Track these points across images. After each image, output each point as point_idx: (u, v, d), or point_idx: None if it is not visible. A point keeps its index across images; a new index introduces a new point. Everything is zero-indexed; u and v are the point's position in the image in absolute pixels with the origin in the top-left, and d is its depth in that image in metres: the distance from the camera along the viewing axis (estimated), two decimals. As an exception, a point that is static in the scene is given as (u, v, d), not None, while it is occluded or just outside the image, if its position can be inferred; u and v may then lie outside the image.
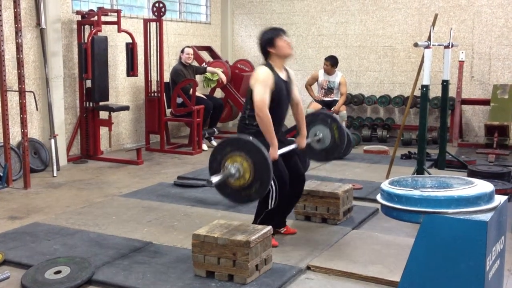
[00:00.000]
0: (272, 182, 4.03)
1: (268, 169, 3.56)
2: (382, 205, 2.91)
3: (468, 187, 2.76)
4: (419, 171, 5.94)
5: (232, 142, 3.71)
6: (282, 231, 4.49)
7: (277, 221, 4.40)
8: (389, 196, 2.83)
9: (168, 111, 8.58)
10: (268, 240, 3.70)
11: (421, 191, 2.75)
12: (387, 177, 6.30)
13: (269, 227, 3.76)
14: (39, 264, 3.77)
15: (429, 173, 5.92)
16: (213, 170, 3.70)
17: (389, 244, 4.29)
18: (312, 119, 4.77)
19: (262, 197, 4.14)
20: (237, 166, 3.60)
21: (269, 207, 4.11)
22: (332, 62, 8.57)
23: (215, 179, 3.53)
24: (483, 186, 2.79)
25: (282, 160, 4.18)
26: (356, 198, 5.30)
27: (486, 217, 2.61)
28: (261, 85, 4.00)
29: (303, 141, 4.41)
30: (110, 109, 7.53)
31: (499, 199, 2.81)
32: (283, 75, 4.16)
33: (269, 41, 4.15)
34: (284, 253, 4.07)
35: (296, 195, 4.44)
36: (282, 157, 4.20)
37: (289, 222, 4.81)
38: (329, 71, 8.64)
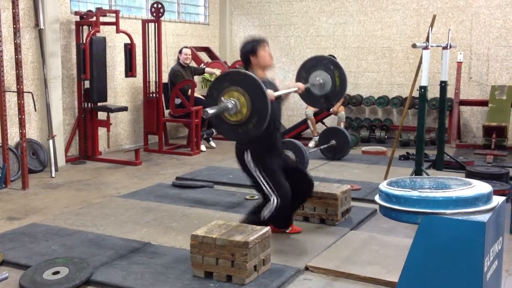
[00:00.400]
0: (275, 199, 4.02)
1: (266, 102, 3.54)
2: (381, 206, 2.91)
3: (466, 188, 2.76)
4: (417, 172, 5.94)
5: (229, 77, 3.69)
6: (287, 231, 4.50)
7: (281, 222, 4.43)
8: (387, 197, 2.83)
9: (166, 112, 8.58)
10: (266, 240, 3.70)
11: (419, 192, 2.75)
12: (385, 178, 6.30)
13: (268, 228, 3.76)
14: (38, 264, 3.76)
15: (427, 174, 5.92)
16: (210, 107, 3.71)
17: (387, 245, 4.29)
18: (315, 64, 4.80)
19: (257, 206, 4.16)
20: (233, 101, 3.58)
21: (261, 218, 4.05)
22: None
23: (210, 110, 3.48)
24: (481, 187, 2.79)
25: (285, 172, 4.21)
26: (354, 199, 5.30)
27: (484, 218, 2.61)
28: None
29: (302, 85, 4.47)
30: (109, 110, 7.52)
31: (497, 200, 2.81)
32: (266, 79, 4.20)
33: (251, 50, 4.19)
34: (282, 253, 4.07)
35: (302, 197, 4.48)
36: (286, 171, 4.24)
37: (288, 222, 4.83)
38: None
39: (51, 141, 6.83)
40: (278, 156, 4.26)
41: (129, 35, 7.66)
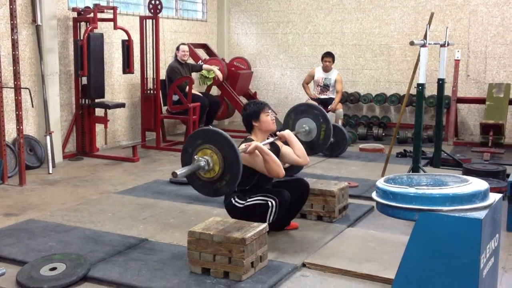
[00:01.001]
0: (272, 200, 4.10)
1: (238, 161, 3.59)
2: (378, 202, 2.92)
3: (463, 185, 2.77)
4: (415, 169, 5.96)
5: (203, 134, 3.74)
6: (285, 227, 4.52)
7: (282, 223, 4.46)
8: (384, 193, 2.84)
9: (164, 108, 8.57)
10: (263, 237, 3.70)
11: (416, 188, 2.76)
12: (382, 175, 6.31)
13: (265, 225, 3.77)
14: (35, 260, 3.76)
15: (424, 171, 5.93)
16: (185, 163, 3.76)
17: (384, 242, 4.30)
18: (306, 110, 4.90)
19: (259, 212, 4.16)
20: (206, 159, 3.63)
21: (268, 222, 4.10)
22: (333, 58, 8.69)
23: (180, 171, 3.54)
24: (477, 184, 2.80)
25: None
26: (351, 196, 5.31)
27: (481, 214, 2.63)
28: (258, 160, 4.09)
29: (285, 134, 4.44)
30: (106, 106, 7.52)
31: (494, 197, 2.83)
32: (266, 147, 4.20)
33: (254, 114, 4.25)
34: (279, 250, 4.08)
35: (300, 199, 4.51)
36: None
37: (285, 219, 4.83)
38: (329, 68, 8.70)
39: (48, 137, 6.82)
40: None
41: (126, 32, 7.64)
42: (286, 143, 4.46)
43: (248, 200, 4.17)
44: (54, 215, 4.95)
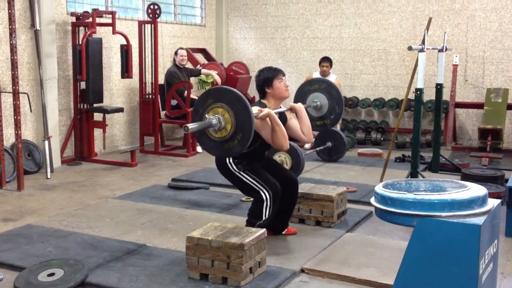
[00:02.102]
0: (266, 192, 4.09)
1: (250, 119, 3.56)
2: (376, 208, 2.91)
3: (462, 191, 2.77)
4: (413, 174, 5.96)
5: (214, 93, 3.71)
6: (283, 232, 4.51)
7: (274, 226, 4.43)
8: (383, 199, 2.84)
9: (162, 113, 8.57)
10: (262, 242, 3.69)
11: (415, 194, 2.76)
12: (381, 180, 6.31)
13: (263, 230, 3.76)
14: (33, 266, 3.75)
15: (423, 176, 5.94)
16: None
17: (383, 247, 4.30)
18: (324, 87, 4.93)
19: (254, 209, 4.18)
20: (218, 117, 3.60)
21: (264, 217, 4.12)
22: (330, 63, 8.70)
23: (192, 126, 3.50)
24: (476, 190, 2.80)
25: (271, 171, 4.26)
26: (350, 201, 5.31)
27: (480, 220, 2.62)
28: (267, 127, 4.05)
29: (296, 105, 4.41)
30: (105, 111, 7.51)
31: (492, 202, 2.82)
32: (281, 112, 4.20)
33: (267, 80, 4.20)
34: (278, 256, 4.07)
35: (291, 199, 4.47)
36: (271, 169, 4.29)
37: (283, 224, 4.83)
38: (326, 73, 8.71)
39: (46, 142, 6.82)
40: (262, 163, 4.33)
41: (125, 36, 7.65)
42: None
43: (242, 171, 4.13)
44: (52, 220, 4.93)
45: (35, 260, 3.92)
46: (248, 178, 4.14)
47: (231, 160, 4.14)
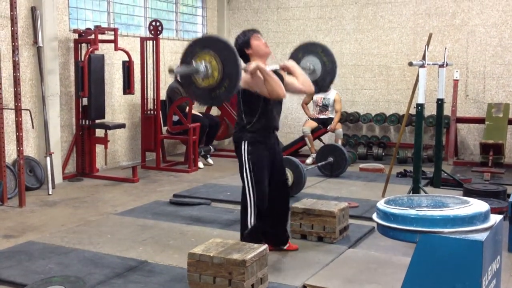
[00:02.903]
0: (249, 198, 4.10)
1: (237, 63, 3.57)
2: (378, 224, 2.91)
3: (464, 207, 2.77)
4: (415, 189, 5.95)
5: (201, 41, 3.73)
6: (284, 248, 4.49)
7: (272, 238, 4.41)
8: (385, 215, 2.84)
9: (164, 129, 8.59)
10: (264, 259, 3.68)
11: (417, 210, 2.76)
12: (383, 195, 6.30)
13: (265, 246, 3.75)
14: (34, 283, 3.73)
15: (425, 192, 5.92)
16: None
17: (386, 263, 4.28)
18: (316, 51, 4.78)
19: (241, 221, 4.17)
20: (205, 64, 3.61)
21: (249, 225, 4.12)
22: None
23: (178, 68, 3.52)
24: (478, 206, 2.80)
25: (273, 173, 4.26)
26: (352, 217, 5.29)
27: (482, 236, 2.62)
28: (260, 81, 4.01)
29: (288, 63, 4.35)
30: (106, 127, 7.53)
31: (495, 218, 2.82)
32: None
33: (244, 43, 4.17)
34: (280, 272, 4.05)
35: (283, 208, 4.45)
36: (273, 171, 4.27)
37: (285, 240, 4.81)
38: None
39: (48, 158, 6.82)
40: (274, 146, 4.29)
41: (127, 53, 7.69)
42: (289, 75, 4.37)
43: (249, 160, 4.10)
44: (53, 237, 4.92)
45: (36, 277, 3.90)
46: (248, 172, 4.12)
47: (245, 143, 4.13)
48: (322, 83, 4.80)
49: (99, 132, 7.69)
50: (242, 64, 3.86)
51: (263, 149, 4.19)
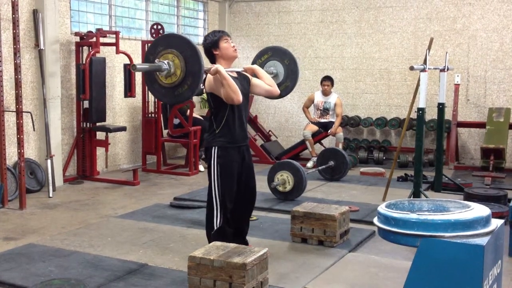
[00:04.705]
0: (216, 200, 4.14)
1: (199, 62, 3.61)
2: (379, 228, 2.91)
3: (465, 211, 2.76)
4: (416, 193, 5.94)
5: (163, 40, 3.78)
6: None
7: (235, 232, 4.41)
8: (386, 219, 2.83)
9: (165, 132, 8.59)
10: (264, 262, 3.68)
11: (418, 214, 2.76)
12: (383, 199, 6.30)
13: (266, 249, 3.74)
14: (34, 286, 3.74)
15: (425, 196, 5.92)
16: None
17: (386, 267, 4.27)
18: (278, 54, 4.80)
19: (206, 216, 4.22)
20: (168, 62, 3.66)
21: (215, 226, 4.15)
22: (332, 82, 8.76)
23: (140, 66, 3.60)
24: (479, 210, 2.79)
25: (237, 184, 4.24)
26: (352, 220, 5.29)
27: (483, 241, 2.61)
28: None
29: (251, 67, 4.38)
30: (107, 130, 7.54)
31: (496, 223, 2.82)
32: (232, 74, 4.16)
33: (213, 44, 4.18)
34: (280, 276, 4.05)
35: (248, 206, 4.43)
36: (239, 182, 4.26)
37: (285, 244, 4.81)
38: (328, 92, 8.77)
39: (49, 161, 6.83)
40: (243, 153, 4.27)
41: (128, 56, 7.70)
42: (254, 77, 4.38)
43: (217, 165, 4.13)
44: (54, 240, 4.92)
45: (36, 279, 3.90)
46: (216, 177, 4.15)
47: (215, 148, 4.15)
48: (284, 87, 4.80)
49: (100, 135, 7.69)
50: (207, 66, 3.93)
51: (233, 155, 4.18)
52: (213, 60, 4.20)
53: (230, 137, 4.16)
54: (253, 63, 4.83)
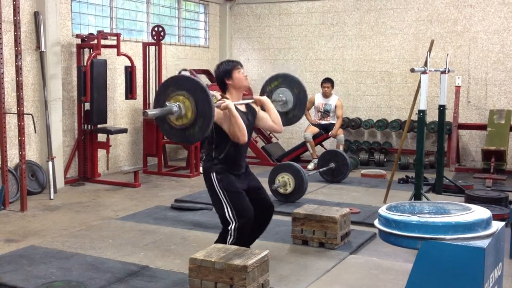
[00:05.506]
0: (234, 223, 3.98)
1: (210, 103, 3.60)
2: (380, 230, 2.91)
3: (466, 213, 2.76)
4: (417, 195, 5.94)
5: (173, 82, 3.76)
6: None
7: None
8: (386, 221, 2.83)
9: (166, 134, 8.58)
10: (265, 264, 3.68)
11: (419, 217, 2.75)
12: (384, 201, 6.30)
13: (267, 251, 3.74)
14: (35, 288, 3.74)
15: (426, 198, 5.92)
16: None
17: (387, 270, 4.27)
18: (287, 81, 4.78)
19: (219, 238, 4.08)
20: (179, 104, 3.66)
21: (228, 244, 4.00)
22: (332, 84, 8.77)
23: (151, 112, 3.57)
24: (480, 212, 2.79)
25: (248, 194, 4.14)
26: (353, 223, 5.29)
27: (484, 243, 2.61)
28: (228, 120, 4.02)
29: (260, 98, 4.36)
30: (108, 132, 7.54)
31: (497, 225, 2.81)
32: (241, 107, 4.17)
33: (226, 73, 4.18)
34: (281, 278, 4.05)
35: (260, 228, 4.30)
36: (249, 192, 4.17)
37: (286, 246, 4.81)
38: (328, 94, 8.77)
39: (50, 163, 6.83)
40: (243, 176, 4.21)
41: (129, 58, 7.71)
42: (262, 109, 4.35)
43: (222, 189, 4.05)
44: (55, 241, 4.93)
45: (37, 281, 3.90)
46: (225, 200, 4.05)
47: (214, 174, 4.10)
48: (292, 115, 4.80)
49: (101, 137, 7.70)
50: (217, 95, 3.93)
51: (233, 176, 4.13)
52: (224, 88, 4.20)
53: (228, 167, 4.11)
54: (262, 89, 4.84)
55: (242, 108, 4.18)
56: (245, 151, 4.29)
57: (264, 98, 4.38)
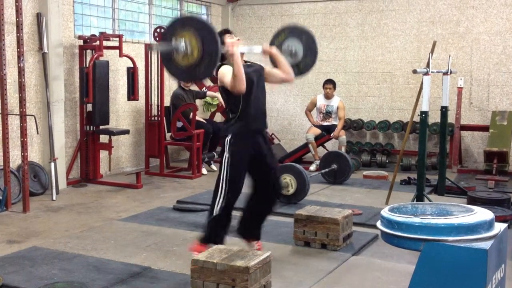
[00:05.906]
0: (222, 187, 4.15)
1: (216, 41, 3.64)
2: (382, 232, 2.90)
3: (468, 215, 2.76)
4: (419, 197, 5.94)
5: (180, 21, 3.81)
6: (253, 243, 4.49)
7: (243, 228, 4.47)
8: (389, 223, 2.83)
9: (168, 135, 8.60)
10: (267, 266, 3.68)
11: (421, 218, 2.75)
12: (386, 203, 6.29)
13: (269, 253, 3.74)
14: (37, 289, 3.75)
15: (429, 199, 5.91)
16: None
17: (389, 271, 4.27)
18: (298, 33, 4.77)
19: (211, 202, 4.23)
20: (184, 42, 3.67)
21: (214, 213, 4.18)
22: (334, 85, 8.77)
23: (158, 46, 3.62)
24: (483, 214, 2.79)
25: (260, 169, 4.25)
26: (356, 224, 5.29)
27: (486, 245, 2.61)
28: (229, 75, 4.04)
29: (268, 47, 4.41)
30: (110, 133, 7.55)
31: (499, 226, 2.81)
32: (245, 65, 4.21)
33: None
34: (283, 279, 4.05)
35: (265, 208, 4.42)
36: (260, 167, 4.25)
37: (288, 247, 4.81)
38: (330, 95, 8.78)
39: (52, 164, 6.84)
40: (262, 141, 4.27)
41: (132, 59, 7.72)
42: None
43: (228, 155, 4.14)
44: (57, 243, 4.93)
45: (39, 282, 3.91)
46: (226, 164, 4.16)
47: (229, 137, 4.17)
48: (304, 64, 4.75)
49: (103, 138, 7.70)
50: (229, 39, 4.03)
51: (246, 144, 4.19)
52: (223, 59, 4.19)
53: (245, 124, 4.17)
54: (270, 43, 4.79)
55: (247, 49, 4.25)
56: (261, 103, 4.28)
57: (273, 50, 4.40)
